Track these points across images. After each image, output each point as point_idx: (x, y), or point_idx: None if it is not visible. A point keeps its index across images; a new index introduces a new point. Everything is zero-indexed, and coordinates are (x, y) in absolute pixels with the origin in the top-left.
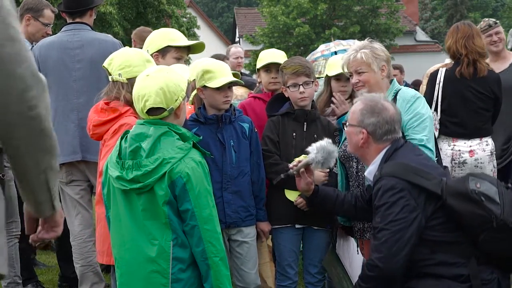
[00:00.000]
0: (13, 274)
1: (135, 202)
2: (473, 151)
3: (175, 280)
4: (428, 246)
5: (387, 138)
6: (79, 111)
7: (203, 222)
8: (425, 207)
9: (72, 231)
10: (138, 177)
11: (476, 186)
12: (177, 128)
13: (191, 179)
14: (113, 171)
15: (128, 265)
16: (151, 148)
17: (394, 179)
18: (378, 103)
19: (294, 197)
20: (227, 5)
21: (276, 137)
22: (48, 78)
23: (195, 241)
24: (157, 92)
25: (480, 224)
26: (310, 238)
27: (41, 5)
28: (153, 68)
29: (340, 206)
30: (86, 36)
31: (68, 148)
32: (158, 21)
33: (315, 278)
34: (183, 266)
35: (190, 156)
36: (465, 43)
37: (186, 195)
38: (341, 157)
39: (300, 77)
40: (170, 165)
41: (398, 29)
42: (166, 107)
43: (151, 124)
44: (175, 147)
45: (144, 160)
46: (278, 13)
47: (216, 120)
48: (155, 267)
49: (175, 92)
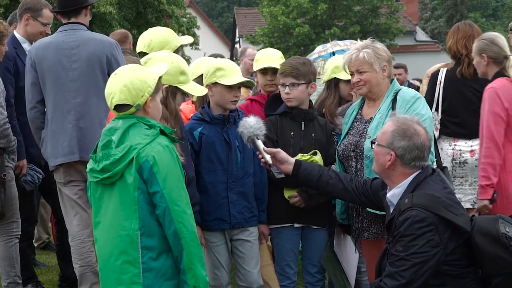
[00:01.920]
0: (13, 274)
1: (108, 195)
2: (473, 151)
3: (147, 269)
4: (439, 279)
5: (415, 165)
6: (77, 111)
7: (172, 203)
8: (447, 243)
9: (70, 231)
10: (107, 166)
11: (505, 230)
12: (147, 120)
13: (157, 162)
14: (88, 166)
15: (103, 259)
16: (120, 139)
17: (426, 212)
18: (411, 127)
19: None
20: (227, 5)
21: (275, 136)
22: (45, 79)
23: (166, 223)
24: (121, 89)
25: (501, 268)
26: (309, 238)
27: (39, 5)
28: (124, 67)
29: (323, 186)
30: (82, 36)
31: (66, 148)
32: (158, 21)
33: (315, 278)
34: (153, 254)
35: (157, 141)
36: (465, 43)
37: (154, 178)
38: (340, 156)
39: (286, 78)
40: (136, 150)
41: (398, 29)
42: (132, 103)
43: (120, 119)
44: (143, 135)
45: (113, 150)
46: (278, 13)
47: (222, 120)
48: (126, 258)
49: (141, 88)
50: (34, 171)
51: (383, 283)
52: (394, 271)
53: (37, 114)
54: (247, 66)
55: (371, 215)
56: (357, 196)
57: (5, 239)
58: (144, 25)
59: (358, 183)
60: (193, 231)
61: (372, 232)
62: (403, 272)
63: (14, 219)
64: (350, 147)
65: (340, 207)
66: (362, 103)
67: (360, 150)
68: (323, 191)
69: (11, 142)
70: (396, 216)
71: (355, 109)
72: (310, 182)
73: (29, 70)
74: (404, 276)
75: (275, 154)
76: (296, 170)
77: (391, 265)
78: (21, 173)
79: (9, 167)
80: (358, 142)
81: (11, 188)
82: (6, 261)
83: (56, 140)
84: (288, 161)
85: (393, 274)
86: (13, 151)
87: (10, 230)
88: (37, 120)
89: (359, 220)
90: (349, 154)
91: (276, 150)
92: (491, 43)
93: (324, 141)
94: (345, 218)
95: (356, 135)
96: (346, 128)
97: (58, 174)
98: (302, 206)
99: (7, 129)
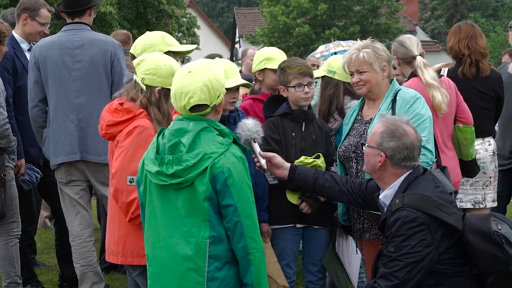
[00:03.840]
0: (13, 274)
1: (172, 198)
2: (476, 151)
3: (211, 279)
4: (434, 278)
5: (405, 165)
6: (79, 111)
7: (245, 218)
8: (440, 242)
9: (71, 231)
10: (179, 172)
11: (497, 228)
12: (216, 124)
13: (233, 174)
14: (152, 167)
15: (162, 263)
16: (191, 143)
17: (416, 212)
18: (400, 127)
19: (295, 199)
20: (227, 5)
21: (278, 136)
22: (48, 78)
23: (236, 237)
24: (201, 89)
25: (494, 265)
26: (311, 237)
27: (37, 4)
28: (195, 64)
29: (320, 190)
30: (86, 36)
31: (67, 148)
32: (158, 21)
33: (316, 277)
34: (219, 264)
35: (231, 151)
36: (467, 43)
37: (228, 191)
38: (341, 158)
39: (305, 77)
40: (211, 160)
41: (398, 29)
42: (210, 103)
43: (190, 120)
44: (216, 142)
45: (185, 155)
46: (278, 13)
47: (222, 120)
48: (191, 265)
49: (218, 88)
50: (32, 171)
51: (377, 285)
52: (387, 271)
53: (39, 113)
54: (249, 66)
55: (372, 216)
56: (354, 198)
57: (5, 239)
58: (144, 25)
59: (354, 185)
60: (262, 247)
61: (373, 233)
62: (396, 272)
63: (14, 219)
64: (351, 148)
65: (341, 208)
66: (362, 103)
67: (361, 151)
68: (320, 194)
69: (11, 142)
70: (388, 217)
71: (355, 110)
72: (306, 186)
73: (32, 68)
74: (397, 277)
75: (271, 158)
76: (291, 175)
77: (384, 266)
78: (19, 172)
79: (9, 167)
80: (358, 143)
81: (11, 188)
82: (6, 261)
83: (58, 139)
84: (283, 166)
85: (386, 275)
86: (13, 151)
87: (10, 230)
88: (39, 119)
89: (360, 221)
90: (350, 155)
91: (272, 155)
92: (400, 44)
93: (323, 141)
94: (347, 219)
95: (356, 136)
96: (347, 129)
97: (59, 174)
98: (310, 212)
99: (7, 129)
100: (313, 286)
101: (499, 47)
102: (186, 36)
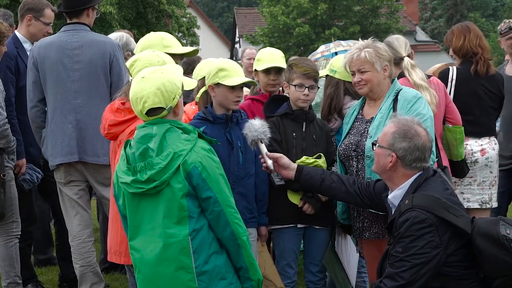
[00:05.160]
0: (13, 274)
1: (151, 204)
2: (484, 150)
3: (200, 273)
4: (440, 280)
5: (416, 166)
6: (77, 112)
7: (226, 206)
8: (448, 245)
9: (71, 231)
10: (153, 176)
11: (506, 232)
12: (178, 123)
13: (206, 167)
14: (126, 178)
15: (150, 268)
16: (159, 146)
17: (426, 213)
18: (412, 128)
19: (297, 199)
20: (227, 5)
21: (279, 136)
22: (46, 78)
23: (221, 226)
24: (155, 92)
25: (501, 270)
26: (312, 237)
27: (41, 5)
28: (148, 70)
29: (326, 190)
30: (85, 37)
31: (65, 148)
32: (158, 21)
33: (316, 277)
34: (205, 257)
35: (198, 146)
36: (479, 42)
37: (205, 183)
38: (341, 156)
39: (308, 80)
40: (182, 157)
41: (398, 29)
42: (165, 106)
43: (153, 124)
44: (183, 140)
45: (155, 159)
46: (278, 13)
47: (225, 120)
48: (178, 264)
49: (172, 90)
50: (33, 171)
51: (383, 284)
52: (394, 272)
53: (38, 113)
54: (246, 65)
55: (372, 215)
56: (361, 199)
57: (5, 239)
58: (144, 25)
59: (361, 185)
60: (246, 231)
61: (373, 232)
62: (403, 273)
63: (14, 219)
64: (351, 147)
65: (341, 207)
66: (362, 103)
67: (361, 150)
68: (326, 195)
69: (11, 143)
70: (397, 217)
71: (355, 109)
72: (312, 187)
73: (31, 68)
74: (404, 277)
75: (278, 159)
76: (298, 176)
77: (391, 266)
78: (20, 172)
79: (8, 167)
80: (359, 142)
81: (11, 188)
82: (6, 261)
83: (56, 140)
84: (290, 166)
85: (392, 275)
86: (13, 151)
87: (10, 230)
88: (38, 119)
89: (360, 220)
90: (350, 154)
91: (279, 155)
92: (387, 45)
93: (324, 141)
94: (346, 218)
95: (357, 135)
96: (347, 128)
97: (58, 174)
98: (313, 212)
99: (6, 129)
100: (313, 286)
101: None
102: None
